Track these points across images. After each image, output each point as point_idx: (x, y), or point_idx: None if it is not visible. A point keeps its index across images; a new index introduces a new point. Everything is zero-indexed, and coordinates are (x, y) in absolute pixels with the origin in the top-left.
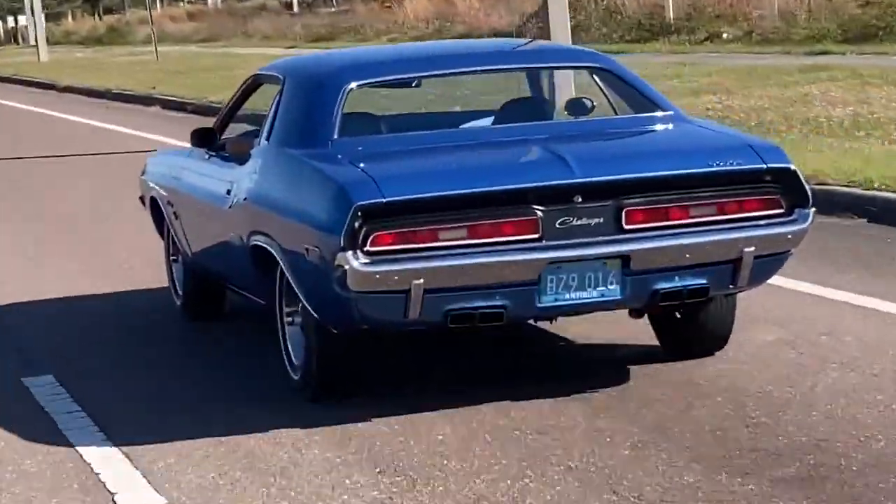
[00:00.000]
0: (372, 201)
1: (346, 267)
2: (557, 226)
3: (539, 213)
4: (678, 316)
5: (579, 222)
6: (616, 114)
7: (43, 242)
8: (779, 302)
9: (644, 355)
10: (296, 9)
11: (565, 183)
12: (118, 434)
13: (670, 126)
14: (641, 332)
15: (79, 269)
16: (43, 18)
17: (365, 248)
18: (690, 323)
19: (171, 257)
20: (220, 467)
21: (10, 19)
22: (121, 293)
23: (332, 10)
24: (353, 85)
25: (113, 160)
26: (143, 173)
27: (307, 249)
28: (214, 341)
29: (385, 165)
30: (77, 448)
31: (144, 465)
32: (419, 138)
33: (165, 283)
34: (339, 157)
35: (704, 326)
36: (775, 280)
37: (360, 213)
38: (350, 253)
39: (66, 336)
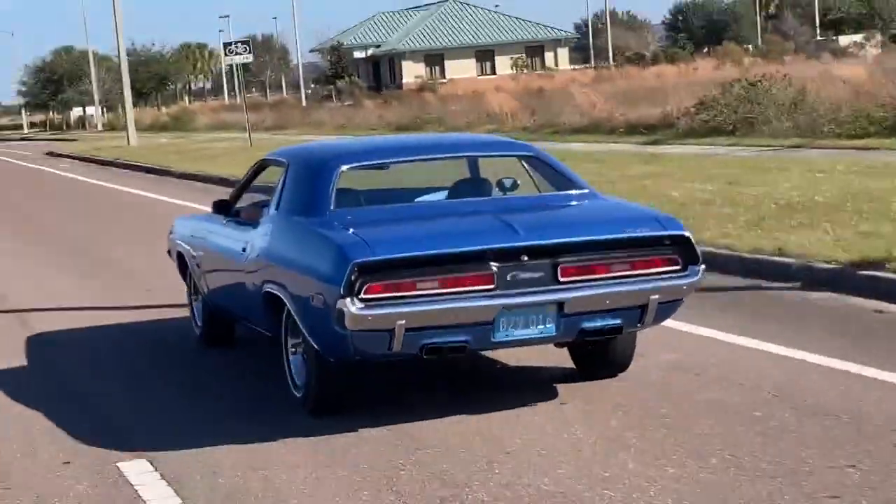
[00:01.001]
0: (366, 259)
1: (345, 310)
2: (508, 279)
3: (494, 268)
4: (590, 347)
5: (525, 276)
6: (539, 192)
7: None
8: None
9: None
10: (304, 102)
11: (514, 245)
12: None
13: (589, 202)
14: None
15: None
16: (131, 107)
17: (360, 296)
18: (600, 352)
19: (193, 297)
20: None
21: (78, 109)
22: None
23: (341, 104)
24: (345, 168)
25: None
26: (170, 232)
27: (312, 296)
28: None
29: (374, 231)
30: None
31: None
32: (399, 209)
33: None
34: (336, 224)
35: (612, 355)
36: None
37: (356, 269)
38: (348, 300)
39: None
